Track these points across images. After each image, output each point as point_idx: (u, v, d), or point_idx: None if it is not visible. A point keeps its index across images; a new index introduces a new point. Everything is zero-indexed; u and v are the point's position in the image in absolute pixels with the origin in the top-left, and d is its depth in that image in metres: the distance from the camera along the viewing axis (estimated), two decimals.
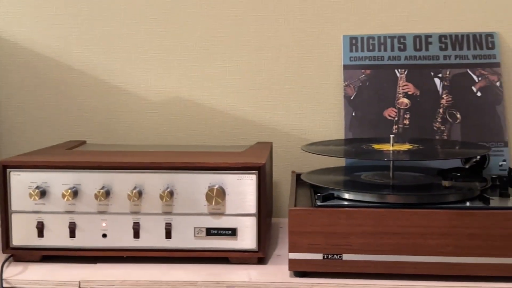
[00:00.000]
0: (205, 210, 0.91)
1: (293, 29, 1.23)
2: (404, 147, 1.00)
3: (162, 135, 1.26)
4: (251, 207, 0.91)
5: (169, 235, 0.91)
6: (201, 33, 1.24)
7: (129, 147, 1.13)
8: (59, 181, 0.91)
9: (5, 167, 0.91)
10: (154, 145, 1.19)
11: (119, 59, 1.25)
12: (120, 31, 1.25)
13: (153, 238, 0.92)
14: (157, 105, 1.26)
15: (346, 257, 0.84)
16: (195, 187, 0.91)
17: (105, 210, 0.92)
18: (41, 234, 0.92)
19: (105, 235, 0.92)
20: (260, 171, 0.90)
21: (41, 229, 0.91)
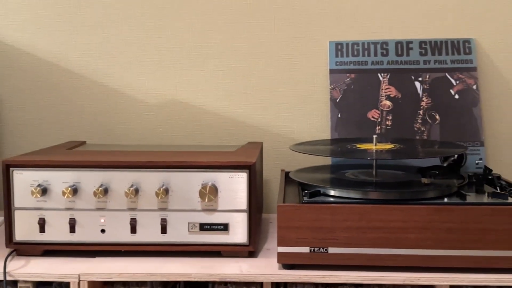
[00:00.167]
0: (198, 206, 0.92)
1: (282, 36, 1.24)
2: (386, 146, 1.02)
3: (158, 135, 1.27)
4: (242, 203, 0.92)
5: (164, 230, 0.92)
6: (195, 39, 1.25)
7: (126, 147, 1.13)
8: (59, 179, 0.92)
9: (8, 166, 0.92)
10: (150, 145, 1.19)
11: (117, 64, 1.26)
12: (118, 37, 1.26)
13: (149, 233, 0.93)
14: (154, 107, 1.27)
15: (331, 250, 0.85)
16: (189, 185, 0.92)
17: (104, 206, 0.93)
18: (42, 229, 0.93)
19: (103, 231, 0.93)
20: (250, 169, 0.91)
21: (42, 225, 0.92)
